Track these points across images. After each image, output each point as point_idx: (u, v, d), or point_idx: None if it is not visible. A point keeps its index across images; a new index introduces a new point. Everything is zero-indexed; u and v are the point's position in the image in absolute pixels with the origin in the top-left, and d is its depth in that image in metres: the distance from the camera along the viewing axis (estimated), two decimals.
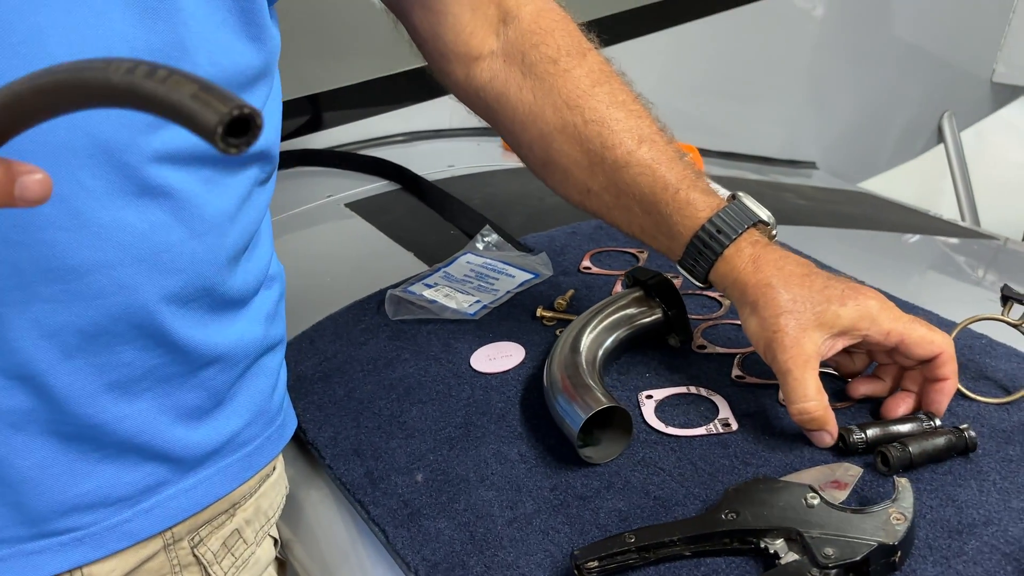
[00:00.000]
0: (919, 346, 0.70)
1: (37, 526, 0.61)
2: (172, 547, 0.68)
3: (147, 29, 0.55)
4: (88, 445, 0.61)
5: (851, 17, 2.05)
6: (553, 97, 0.78)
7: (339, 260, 1.17)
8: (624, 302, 0.85)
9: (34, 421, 0.59)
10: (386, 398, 0.84)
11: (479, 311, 0.95)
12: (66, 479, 0.61)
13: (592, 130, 0.77)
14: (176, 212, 0.59)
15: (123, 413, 0.62)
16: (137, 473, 0.64)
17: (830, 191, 1.77)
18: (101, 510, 0.63)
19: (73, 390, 0.59)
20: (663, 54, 1.73)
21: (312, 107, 1.47)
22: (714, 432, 0.75)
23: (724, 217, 0.74)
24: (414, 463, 0.76)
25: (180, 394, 0.65)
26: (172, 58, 0.56)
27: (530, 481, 0.73)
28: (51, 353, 0.57)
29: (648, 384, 0.82)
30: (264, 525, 0.75)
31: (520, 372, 0.86)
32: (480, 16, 0.79)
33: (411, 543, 0.69)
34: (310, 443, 0.82)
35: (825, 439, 0.70)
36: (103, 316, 0.58)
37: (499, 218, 1.16)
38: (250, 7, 0.61)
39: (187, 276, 0.61)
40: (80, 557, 0.63)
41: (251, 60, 0.63)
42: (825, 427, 0.70)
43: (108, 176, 0.56)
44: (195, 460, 0.67)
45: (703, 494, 0.69)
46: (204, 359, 0.65)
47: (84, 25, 0.53)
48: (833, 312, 0.70)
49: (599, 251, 1.05)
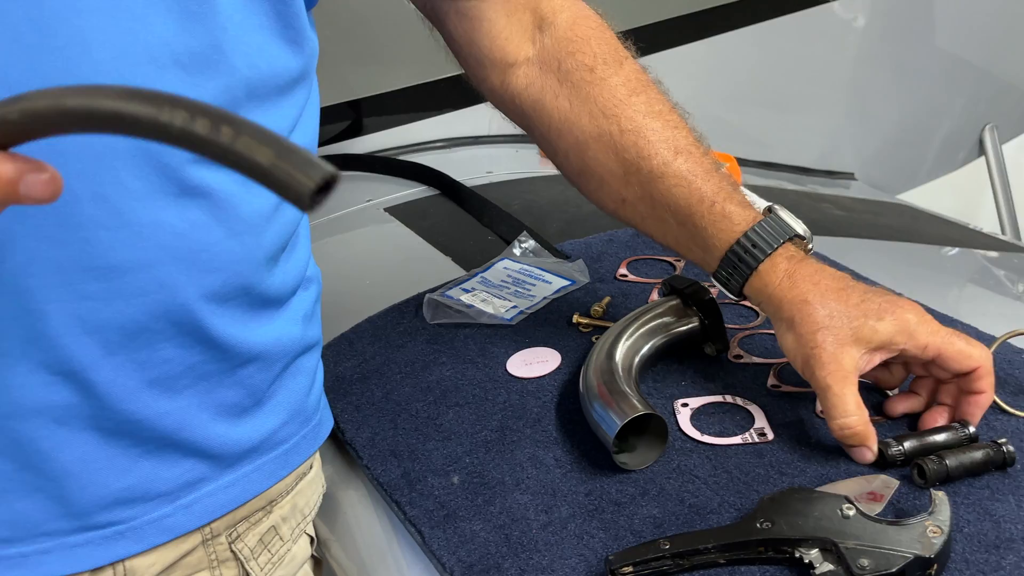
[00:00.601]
0: (956, 360, 0.70)
1: (80, 519, 0.62)
2: (210, 542, 0.69)
3: (187, 32, 0.56)
4: (129, 440, 0.63)
5: (893, 28, 2.04)
6: (589, 105, 0.78)
7: (378, 264, 1.18)
8: (661, 310, 0.85)
9: (77, 416, 0.60)
10: (423, 400, 0.85)
11: (516, 316, 0.96)
12: (108, 473, 0.62)
13: (628, 140, 0.77)
14: (214, 212, 0.60)
15: (164, 409, 0.63)
16: (177, 469, 0.65)
17: (869, 202, 1.75)
18: (142, 505, 0.64)
19: (115, 386, 0.60)
20: (702, 63, 1.73)
21: (353, 112, 1.49)
22: (750, 441, 0.75)
23: (759, 231, 0.74)
24: (450, 465, 0.77)
25: (219, 391, 0.66)
26: (210, 60, 0.58)
27: (565, 486, 0.73)
28: (93, 349, 0.59)
29: (684, 392, 0.82)
30: (300, 523, 0.76)
31: (556, 377, 0.86)
32: (515, 23, 0.79)
33: (447, 544, 0.70)
34: (348, 443, 0.83)
35: (866, 455, 0.70)
36: (144, 314, 0.59)
37: (536, 224, 1.17)
38: (287, 11, 0.62)
39: (225, 275, 0.62)
40: (121, 551, 0.64)
41: (288, 64, 0.64)
42: (866, 443, 0.70)
43: (149, 176, 0.57)
44: (233, 457, 0.68)
45: (738, 503, 0.69)
46: (243, 357, 0.66)
47: (126, 30, 0.54)
48: (870, 327, 0.70)
49: (636, 259, 1.05)
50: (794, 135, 1.96)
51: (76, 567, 0.63)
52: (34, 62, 0.52)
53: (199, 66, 0.57)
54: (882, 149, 2.15)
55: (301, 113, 0.67)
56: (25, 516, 0.60)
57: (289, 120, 0.65)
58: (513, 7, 0.78)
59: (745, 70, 1.83)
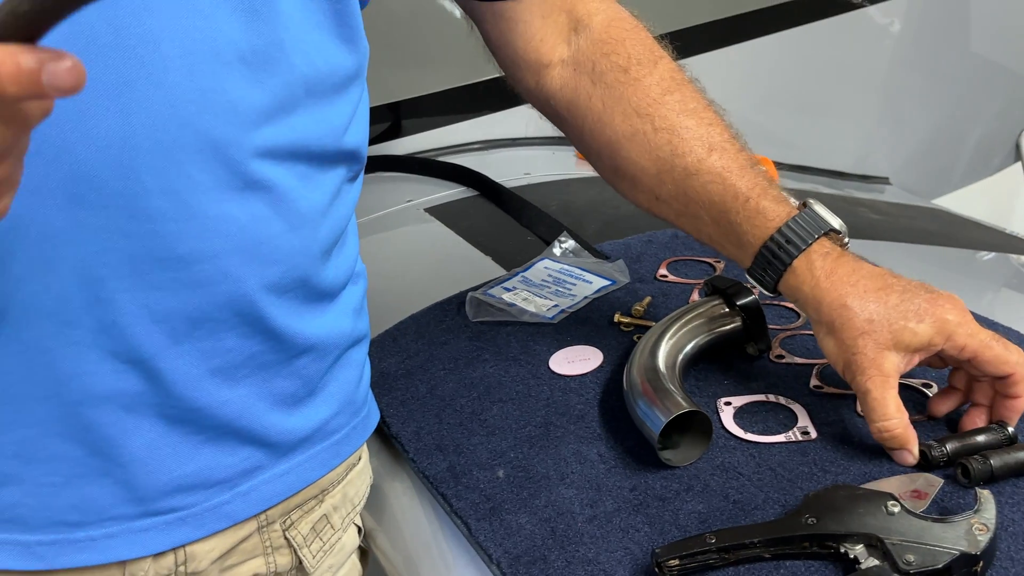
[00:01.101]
0: (992, 365, 0.71)
1: (144, 504, 0.64)
2: (265, 529, 0.71)
3: (250, 31, 0.58)
4: (191, 428, 0.64)
5: (929, 33, 2.03)
6: (623, 105, 0.78)
7: (419, 262, 1.20)
8: (703, 309, 0.86)
9: (144, 403, 0.62)
10: (467, 396, 0.87)
11: (557, 315, 0.97)
12: (171, 460, 0.64)
13: (662, 138, 0.77)
14: (275, 205, 0.62)
15: (224, 398, 0.65)
16: (235, 457, 0.67)
17: (904, 207, 1.75)
18: (202, 491, 0.66)
19: (179, 374, 0.62)
20: (738, 67, 1.74)
21: (393, 114, 1.51)
22: (793, 440, 0.76)
23: (793, 227, 0.74)
24: (495, 459, 0.78)
25: (276, 381, 0.68)
26: (272, 58, 0.59)
27: (610, 481, 0.74)
28: (161, 338, 0.61)
29: (726, 391, 0.83)
30: (350, 512, 0.78)
31: (598, 375, 0.87)
32: (550, 24, 0.80)
33: (493, 536, 0.71)
34: (394, 437, 0.84)
35: (907, 458, 0.71)
36: (208, 303, 0.61)
37: (575, 225, 1.18)
38: (344, 10, 0.64)
39: (284, 267, 0.64)
40: (182, 536, 0.66)
41: (344, 62, 0.65)
42: (906, 445, 0.70)
43: (215, 171, 0.59)
44: (288, 446, 0.70)
45: (782, 499, 0.70)
46: (299, 348, 0.68)
47: (193, 28, 0.56)
48: (910, 331, 0.70)
49: (676, 260, 1.06)
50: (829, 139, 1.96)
51: (140, 551, 0.65)
52: (108, 60, 0.54)
53: (262, 63, 0.59)
54: (917, 153, 2.14)
55: (355, 111, 0.69)
56: (94, 501, 0.62)
57: (344, 117, 0.67)
58: (548, 9, 0.80)
59: (780, 74, 1.84)
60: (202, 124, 0.57)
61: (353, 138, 0.69)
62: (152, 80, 0.55)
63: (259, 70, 0.59)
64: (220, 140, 0.58)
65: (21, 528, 0.62)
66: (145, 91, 0.55)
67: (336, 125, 0.66)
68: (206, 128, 0.57)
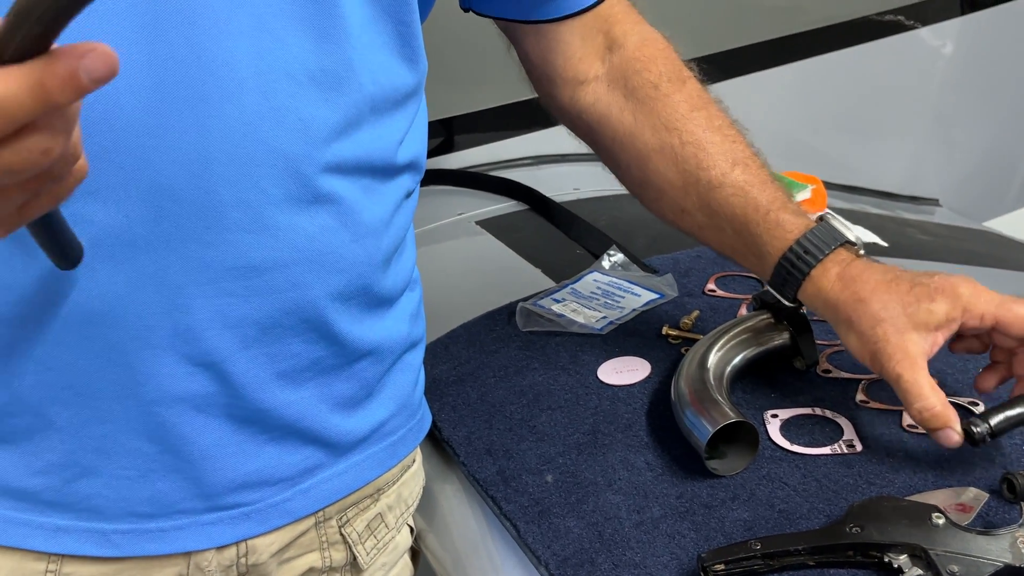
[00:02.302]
0: (1015, 325, 0.71)
1: (211, 500, 0.67)
2: (322, 525, 0.74)
3: (320, 52, 0.61)
4: (257, 428, 0.67)
5: (981, 54, 2.02)
6: (653, 119, 0.82)
7: (470, 273, 1.23)
8: (752, 323, 0.88)
9: (213, 404, 0.65)
10: (517, 403, 0.89)
11: (606, 327, 0.99)
12: (237, 458, 0.67)
13: (688, 151, 0.80)
14: (341, 217, 0.65)
15: (288, 400, 0.68)
16: (297, 456, 0.70)
17: (954, 228, 1.74)
18: (266, 488, 0.69)
19: (248, 377, 0.65)
20: (789, 87, 1.75)
21: (446, 130, 1.54)
22: (838, 452, 0.77)
23: (811, 238, 0.76)
24: (544, 464, 0.80)
25: (337, 384, 0.70)
26: (341, 77, 0.62)
27: (657, 488, 0.76)
28: (232, 343, 0.63)
29: (773, 404, 0.84)
30: (404, 513, 0.80)
31: (646, 386, 0.89)
32: (589, 44, 0.84)
33: (542, 539, 0.73)
34: (445, 441, 0.87)
35: (952, 437, 0.70)
36: (277, 310, 0.64)
37: (623, 240, 1.20)
38: (407, 31, 0.67)
39: (348, 276, 0.67)
40: (246, 530, 0.69)
41: (406, 79, 0.68)
42: (949, 423, 0.70)
43: (286, 185, 0.61)
44: (347, 446, 0.73)
45: (827, 509, 0.71)
46: (359, 352, 0.71)
47: (266, 49, 0.59)
48: (926, 310, 0.71)
49: (724, 275, 1.08)
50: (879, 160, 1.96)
51: (206, 543, 0.68)
52: (186, 76, 0.57)
53: (331, 83, 0.62)
54: (967, 175, 2.13)
55: (411, 125, 0.71)
56: (165, 495, 0.66)
57: (399, 132, 0.69)
58: (588, 30, 0.84)
59: (832, 94, 1.84)
60: (275, 141, 0.60)
61: (410, 150, 0.71)
62: (227, 97, 0.58)
63: (329, 89, 0.62)
64: (292, 156, 0.61)
65: (99, 517, 0.65)
66: (221, 107, 0.58)
67: (392, 138, 0.69)
68: (279, 144, 0.60)
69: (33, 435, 0.63)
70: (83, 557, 0.66)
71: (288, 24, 0.59)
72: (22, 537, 0.65)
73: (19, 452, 0.64)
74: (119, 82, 0.55)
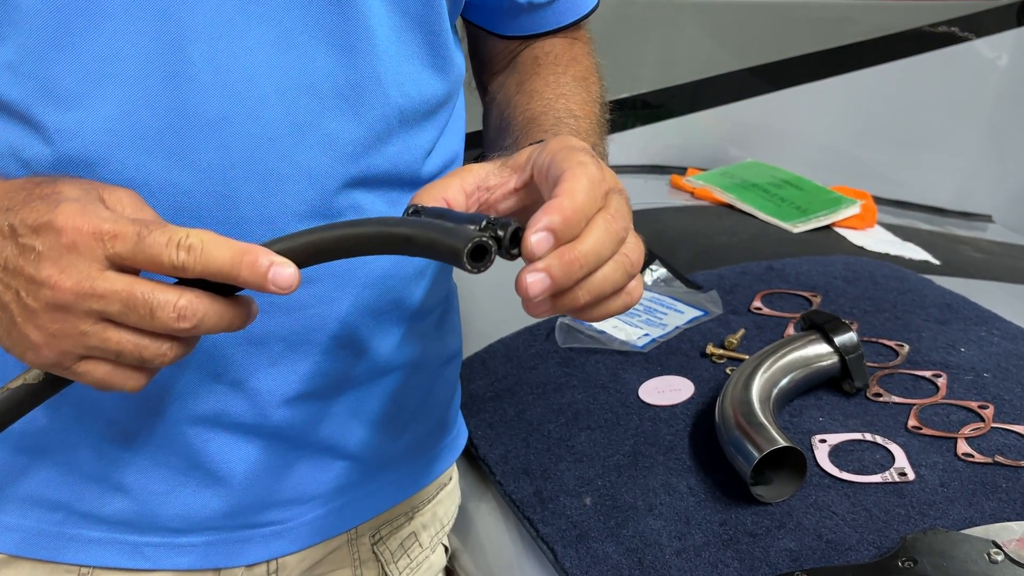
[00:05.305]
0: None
1: (242, 517, 0.66)
2: (354, 542, 0.72)
3: (347, 66, 0.59)
4: (287, 445, 0.66)
5: None
6: (519, 76, 0.75)
7: (509, 287, 1.20)
8: (799, 344, 0.85)
9: (242, 422, 0.64)
10: (555, 421, 0.87)
11: (648, 344, 0.96)
12: (267, 476, 0.66)
13: (535, 83, 0.72)
14: None
15: (319, 417, 0.66)
16: (329, 473, 0.69)
17: (1007, 245, 1.70)
18: (298, 507, 0.68)
19: (275, 395, 0.64)
20: (840, 99, 1.71)
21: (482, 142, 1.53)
22: (890, 480, 0.74)
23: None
24: (582, 486, 0.78)
25: (370, 401, 0.69)
26: (369, 91, 0.60)
27: (699, 514, 0.74)
28: (259, 360, 0.62)
29: (821, 428, 0.81)
30: (439, 532, 0.79)
31: (689, 407, 0.87)
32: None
33: (579, 563, 0.71)
34: (481, 459, 0.85)
35: None
36: (304, 326, 0.63)
37: (667, 254, 1.18)
38: (436, 41, 0.64)
39: (378, 290, 0.65)
40: (278, 549, 0.68)
41: (436, 89, 0.66)
42: None
43: (310, 200, 0.60)
44: (380, 464, 0.71)
45: (877, 541, 0.68)
46: (391, 368, 0.69)
47: (293, 66, 0.58)
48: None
49: (770, 292, 1.05)
50: (930, 175, 1.91)
51: (237, 560, 0.67)
52: (208, 95, 0.56)
53: (359, 96, 0.60)
54: (1022, 191, 2.07)
55: (441, 133, 0.69)
56: (195, 511, 0.65)
57: (429, 142, 0.67)
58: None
59: (882, 107, 1.80)
60: (298, 157, 0.59)
61: (441, 158, 0.69)
62: (250, 115, 0.57)
63: (356, 103, 0.60)
64: (316, 171, 0.60)
65: (132, 530, 0.65)
66: (243, 125, 0.57)
67: (421, 148, 0.66)
68: (302, 160, 0.59)
69: (65, 449, 0.63)
70: (114, 569, 0.65)
71: (313, 38, 0.58)
72: (54, 549, 0.65)
73: (52, 464, 0.63)
74: (139, 100, 0.55)
